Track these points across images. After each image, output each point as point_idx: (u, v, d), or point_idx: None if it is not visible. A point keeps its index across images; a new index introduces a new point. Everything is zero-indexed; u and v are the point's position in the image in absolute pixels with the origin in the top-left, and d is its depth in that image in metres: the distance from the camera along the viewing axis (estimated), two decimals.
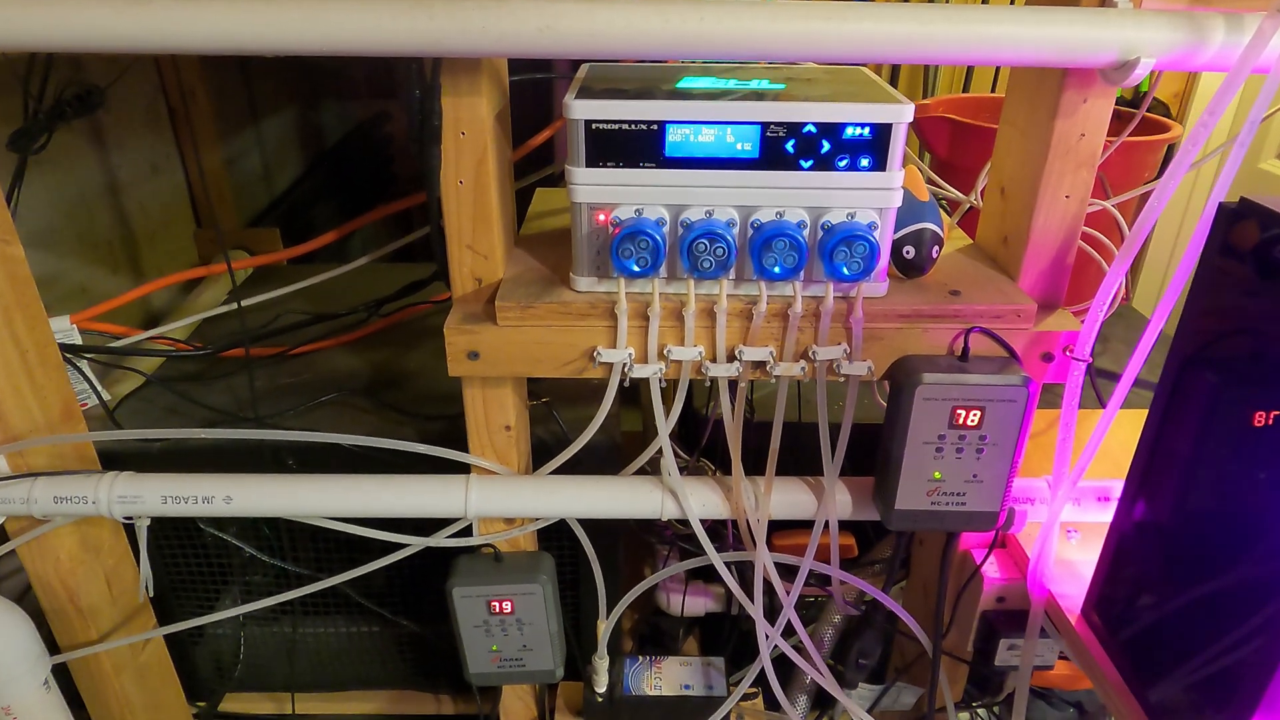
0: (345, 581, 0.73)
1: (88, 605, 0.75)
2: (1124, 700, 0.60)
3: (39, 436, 0.67)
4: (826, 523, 0.67)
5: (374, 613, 0.88)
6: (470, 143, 0.59)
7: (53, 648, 0.75)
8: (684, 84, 0.61)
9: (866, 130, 0.56)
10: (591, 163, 0.58)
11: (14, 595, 0.72)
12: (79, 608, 0.74)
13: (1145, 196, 0.95)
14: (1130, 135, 0.88)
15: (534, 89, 1.60)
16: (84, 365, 0.81)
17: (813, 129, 0.56)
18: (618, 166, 0.58)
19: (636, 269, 0.59)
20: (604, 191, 0.58)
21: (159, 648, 0.85)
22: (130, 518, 0.68)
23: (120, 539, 0.78)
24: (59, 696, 0.75)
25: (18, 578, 0.73)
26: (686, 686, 0.78)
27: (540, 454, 0.73)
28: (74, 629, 0.75)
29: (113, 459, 0.75)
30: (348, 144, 2.00)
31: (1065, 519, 0.69)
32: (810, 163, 0.57)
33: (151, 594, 0.76)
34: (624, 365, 0.62)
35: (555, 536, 0.77)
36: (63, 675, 0.76)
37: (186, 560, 0.85)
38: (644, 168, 0.58)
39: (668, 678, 0.79)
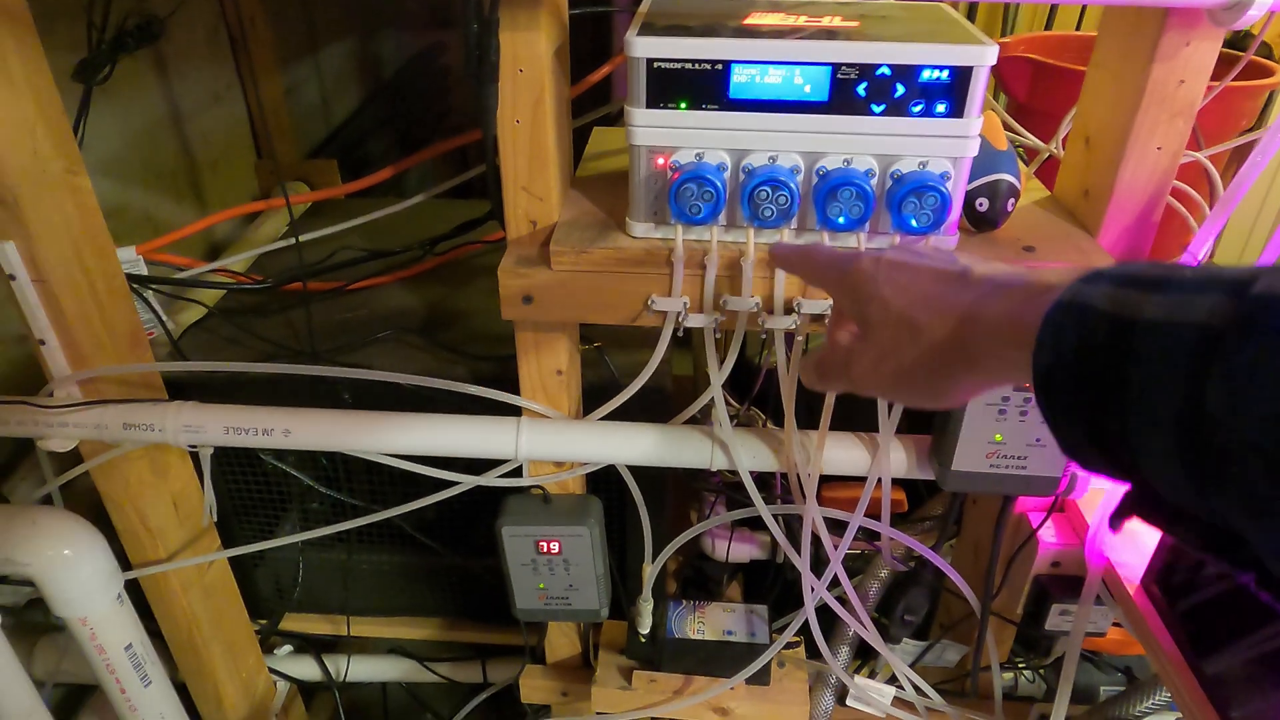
0: (398, 515, 0.75)
1: (156, 526, 0.78)
2: (1180, 672, 0.59)
3: (108, 365, 0.69)
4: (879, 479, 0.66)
5: (425, 545, 0.91)
6: (528, 80, 0.57)
7: (124, 565, 0.78)
8: (750, 20, 0.58)
9: (945, 73, 0.53)
10: (652, 103, 0.56)
11: (87, 514, 0.76)
12: (148, 528, 0.78)
13: (1241, 148, 0.89)
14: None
15: (592, 23, 1.55)
16: (150, 296, 0.83)
17: (887, 71, 0.53)
18: (679, 108, 0.56)
19: (695, 216, 0.57)
20: (664, 134, 0.57)
21: (223, 568, 0.89)
22: (194, 447, 0.70)
23: (186, 464, 0.81)
24: (131, 610, 0.79)
25: (91, 497, 0.77)
26: (729, 632, 0.79)
27: (590, 398, 0.73)
28: (144, 548, 0.79)
29: (177, 387, 0.77)
30: (404, 75, 1.98)
31: None
32: (882, 107, 0.54)
33: (215, 519, 0.79)
34: (679, 314, 0.61)
35: (602, 478, 0.77)
36: (134, 591, 0.80)
37: (247, 486, 0.88)
38: (706, 109, 0.56)
39: (711, 623, 0.80)
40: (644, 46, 0.54)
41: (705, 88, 0.55)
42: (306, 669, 1.03)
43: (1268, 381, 0.25)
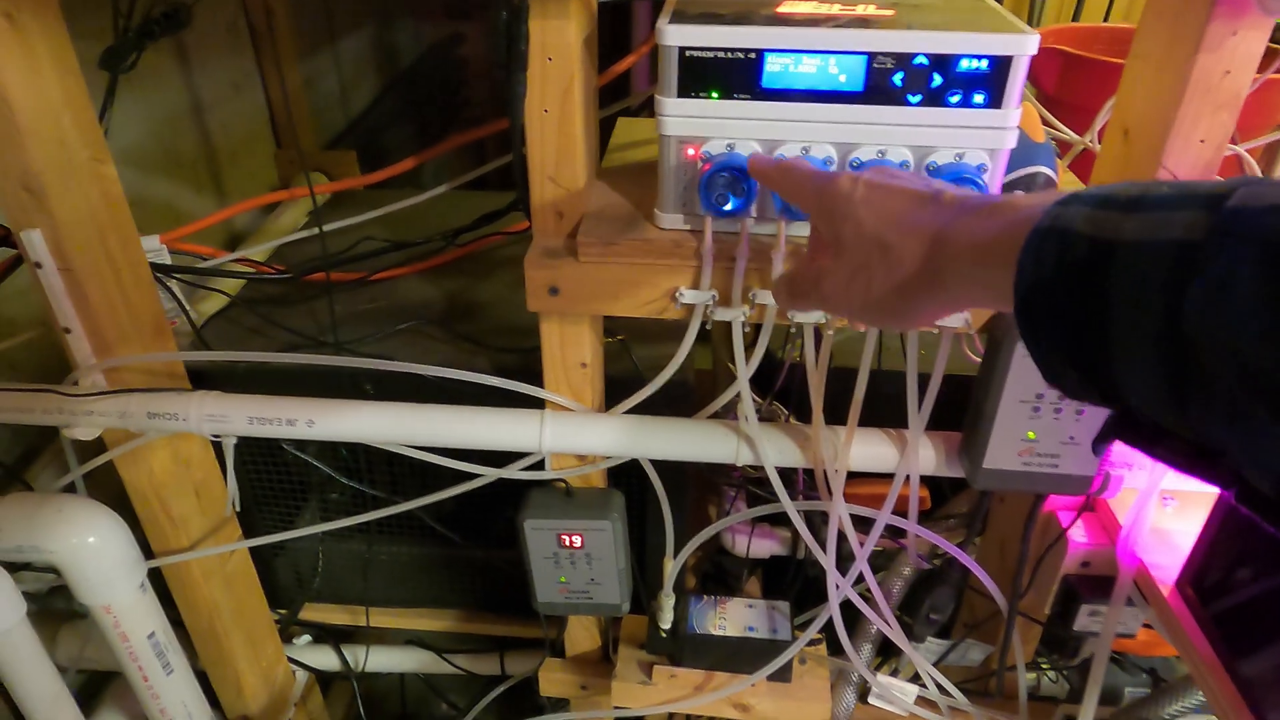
0: (418, 506, 0.75)
1: (179, 515, 0.78)
2: (1215, 674, 0.58)
3: (132, 353, 0.69)
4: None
5: (445, 536, 0.90)
6: (557, 69, 0.56)
7: (146, 554, 0.79)
8: (784, 8, 0.57)
9: (984, 63, 0.51)
10: (683, 93, 0.55)
11: (110, 502, 0.76)
12: (171, 517, 0.78)
13: (1277, 143, 0.87)
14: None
15: (614, 12, 1.54)
16: (174, 285, 0.83)
17: (924, 60, 0.52)
18: (711, 97, 0.55)
19: (725, 208, 0.56)
20: (695, 124, 0.56)
21: (244, 558, 0.89)
22: (218, 436, 0.70)
23: (209, 454, 0.81)
24: (154, 598, 0.79)
25: (114, 486, 0.77)
26: (751, 628, 0.79)
27: (613, 390, 0.72)
28: (166, 536, 0.79)
29: (200, 376, 0.77)
30: (422, 66, 1.97)
31: (1164, 486, 0.66)
32: (919, 98, 0.53)
33: (238, 509, 0.79)
34: (706, 307, 0.60)
35: (623, 471, 0.77)
36: (156, 579, 0.80)
37: (268, 476, 0.88)
38: (738, 99, 0.55)
39: (732, 618, 0.80)
40: (676, 35, 0.53)
41: (738, 77, 0.54)
42: (325, 659, 1.03)
43: (1243, 290, 0.25)
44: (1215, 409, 0.27)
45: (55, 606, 0.92)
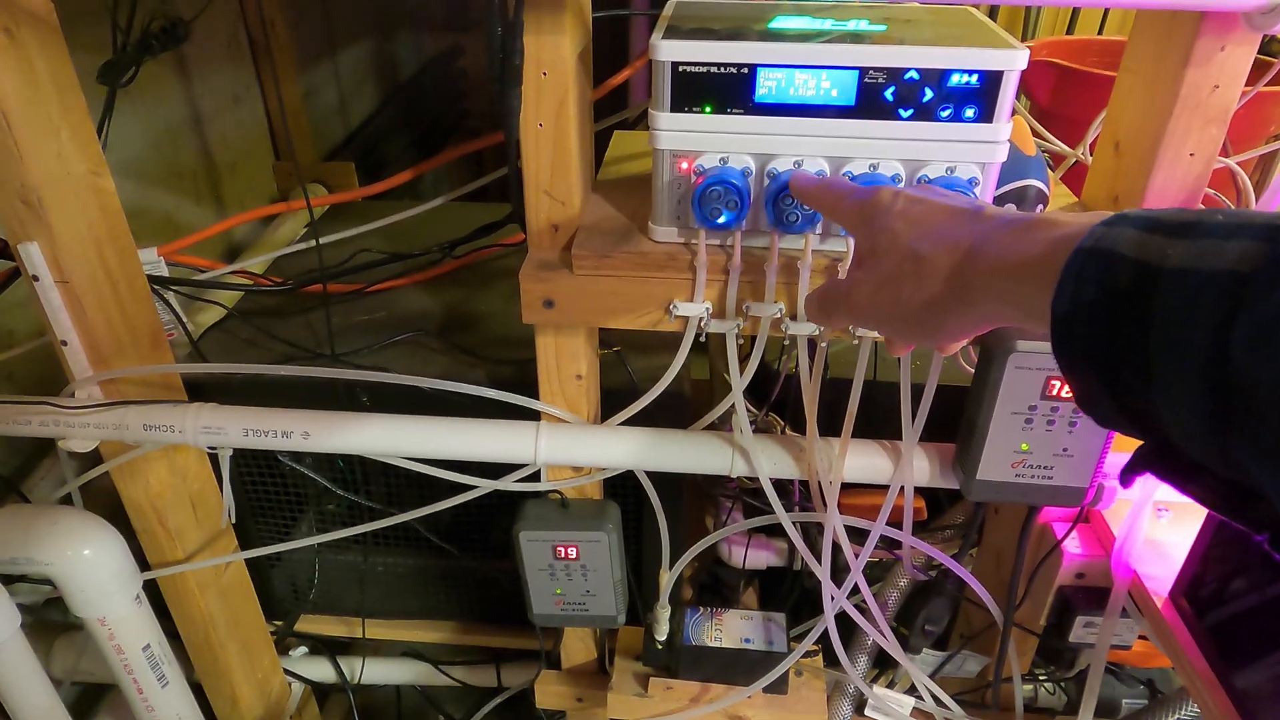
0: (414, 518, 0.75)
1: (175, 527, 0.78)
2: (1209, 687, 0.58)
3: (129, 366, 0.69)
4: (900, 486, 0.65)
5: (441, 548, 0.90)
6: (552, 84, 0.57)
7: (142, 565, 0.79)
8: (776, 24, 0.57)
9: (974, 78, 0.52)
10: (676, 107, 0.55)
11: (106, 514, 0.76)
12: (167, 529, 0.78)
13: (1269, 156, 0.88)
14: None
15: (610, 26, 1.55)
16: (171, 297, 0.83)
17: (915, 75, 0.52)
18: (704, 111, 0.55)
19: (719, 220, 0.56)
20: (688, 138, 0.56)
21: (240, 569, 0.89)
22: (214, 448, 0.70)
23: (205, 465, 0.81)
24: (149, 610, 0.79)
25: (110, 497, 0.77)
26: (747, 640, 0.78)
27: (609, 402, 0.72)
28: (162, 548, 0.79)
29: (196, 387, 0.77)
30: (421, 78, 1.99)
31: (1157, 497, 0.66)
32: (910, 112, 0.53)
33: (234, 520, 0.79)
34: (700, 319, 0.60)
35: (619, 483, 0.77)
36: (151, 590, 0.80)
37: (264, 488, 0.88)
38: (731, 114, 0.55)
39: (728, 630, 0.80)
40: (669, 50, 0.54)
41: (730, 91, 0.54)
42: (321, 670, 1.03)
43: None
44: (1257, 445, 0.26)
45: (50, 619, 0.92)
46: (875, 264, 0.41)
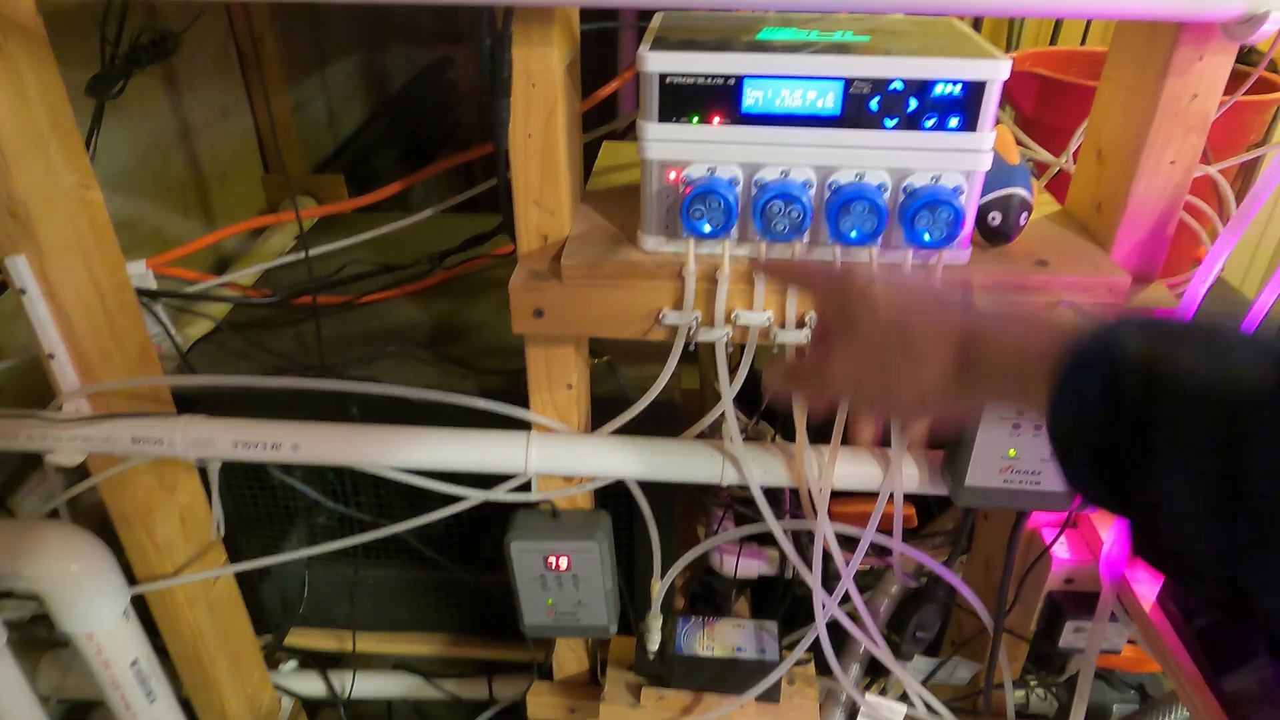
0: (405, 530, 0.74)
1: (163, 541, 0.78)
2: (1198, 690, 0.58)
3: (117, 378, 0.69)
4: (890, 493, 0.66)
5: (432, 559, 0.90)
6: (540, 95, 0.57)
7: (130, 580, 0.78)
8: (763, 35, 0.58)
9: (958, 88, 0.53)
10: (664, 118, 0.56)
11: (94, 528, 0.75)
12: (155, 543, 0.77)
13: (1249, 163, 0.89)
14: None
15: (599, 38, 1.56)
16: (159, 310, 0.83)
17: (900, 85, 0.53)
18: (691, 122, 0.56)
19: (707, 230, 0.57)
20: (676, 149, 0.57)
21: (229, 583, 0.89)
22: (203, 461, 0.70)
23: (194, 478, 0.81)
24: (137, 625, 0.79)
25: (98, 512, 0.76)
26: (739, 649, 0.78)
27: (599, 411, 0.72)
28: (150, 563, 0.79)
29: (185, 400, 0.77)
30: (411, 90, 1.99)
31: None
32: (895, 122, 0.54)
33: (223, 534, 0.79)
34: (690, 328, 0.60)
35: (610, 492, 0.77)
36: (139, 605, 0.80)
37: (254, 500, 0.88)
38: (719, 124, 0.56)
39: (720, 639, 0.79)
40: (657, 61, 0.54)
41: (718, 102, 0.55)
42: (311, 685, 1.02)
43: None
44: (1271, 566, 0.26)
45: (36, 635, 0.91)
46: (853, 340, 0.41)
